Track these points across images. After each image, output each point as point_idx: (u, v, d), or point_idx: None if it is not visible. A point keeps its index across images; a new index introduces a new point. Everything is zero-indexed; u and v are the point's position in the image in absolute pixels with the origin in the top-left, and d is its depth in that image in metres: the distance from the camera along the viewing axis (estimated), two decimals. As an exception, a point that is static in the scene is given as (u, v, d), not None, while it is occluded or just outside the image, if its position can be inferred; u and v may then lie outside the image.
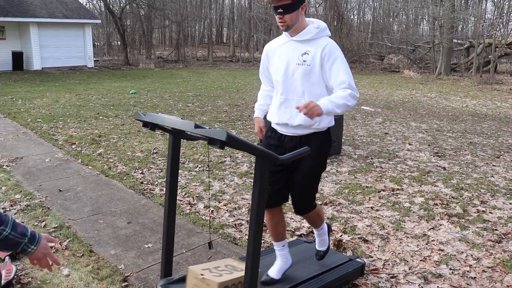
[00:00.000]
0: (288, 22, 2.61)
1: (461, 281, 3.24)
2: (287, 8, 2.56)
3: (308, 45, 2.68)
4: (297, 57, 2.69)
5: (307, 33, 2.68)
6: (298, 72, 2.69)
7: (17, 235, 1.69)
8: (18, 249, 1.71)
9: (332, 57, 2.63)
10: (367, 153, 6.81)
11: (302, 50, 2.68)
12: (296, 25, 2.66)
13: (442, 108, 11.94)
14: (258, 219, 2.27)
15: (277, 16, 2.61)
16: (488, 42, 22.59)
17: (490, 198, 4.98)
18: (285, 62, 2.74)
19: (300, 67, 2.68)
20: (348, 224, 4.18)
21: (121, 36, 25.80)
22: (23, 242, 1.70)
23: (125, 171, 5.69)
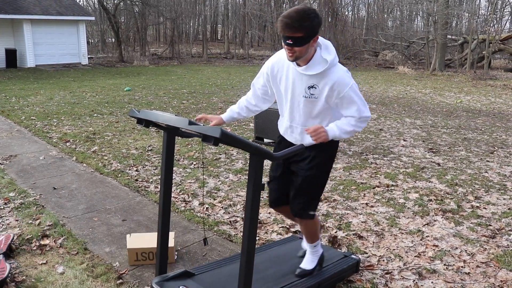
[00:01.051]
0: (297, 54, 2.42)
1: (456, 276, 3.25)
2: (298, 41, 2.36)
3: (316, 77, 2.53)
4: (304, 90, 2.56)
5: (315, 67, 2.50)
6: (303, 106, 2.60)
7: None
8: None
9: (342, 93, 2.51)
10: (362, 149, 6.82)
11: (309, 83, 2.54)
12: (305, 57, 2.48)
13: (436, 104, 11.97)
14: (252, 216, 2.27)
15: (286, 47, 2.42)
16: (482, 38, 22.67)
17: (484, 193, 5.00)
18: (290, 91, 2.62)
19: (306, 100, 2.57)
20: (343, 221, 4.19)
21: (115, 33, 25.68)
22: None
23: (119, 169, 5.67)
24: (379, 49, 29.23)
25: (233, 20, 38.44)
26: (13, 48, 20.07)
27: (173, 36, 29.63)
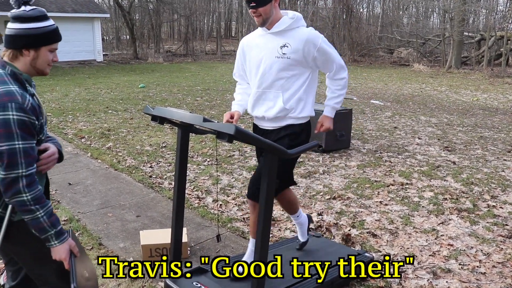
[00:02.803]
0: (263, 16, 2.61)
1: (471, 276, 3.21)
2: (260, 1, 2.56)
3: (286, 37, 2.68)
4: (276, 50, 2.67)
5: (282, 24, 2.68)
6: (276, 65, 2.68)
7: (47, 222, 1.79)
8: (43, 236, 1.81)
9: (317, 46, 2.67)
10: (376, 147, 6.78)
11: (281, 43, 2.68)
12: (271, 18, 2.65)
13: (452, 102, 11.83)
14: (266, 213, 2.27)
15: (250, 10, 2.61)
16: (499, 34, 22.30)
17: (501, 193, 4.93)
18: (262, 55, 2.73)
19: (279, 60, 2.66)
20: (356, 219, 4.17)
21: (130, 30, 25.85)
22: (49, 231, 1.81)
23: (134, 165, 5.71)
24: (394, 47, 28.96)
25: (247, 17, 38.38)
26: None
27: (187, 33, 29.73)
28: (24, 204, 1.74)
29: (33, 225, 1.79)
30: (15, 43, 1.81)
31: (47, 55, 1.88)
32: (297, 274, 2.94)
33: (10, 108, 1.70)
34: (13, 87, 1.75)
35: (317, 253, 3.26)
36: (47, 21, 1.86)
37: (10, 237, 1.87)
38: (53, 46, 1.88)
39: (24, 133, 1.73)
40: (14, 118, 1.70)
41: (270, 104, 2.75)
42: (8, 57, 1.84)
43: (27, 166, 1.74)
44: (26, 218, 1.78)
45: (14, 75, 1.81)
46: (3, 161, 1.70)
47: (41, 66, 1.88)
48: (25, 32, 1.80)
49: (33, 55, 1.84)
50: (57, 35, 1.89)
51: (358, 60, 25.35)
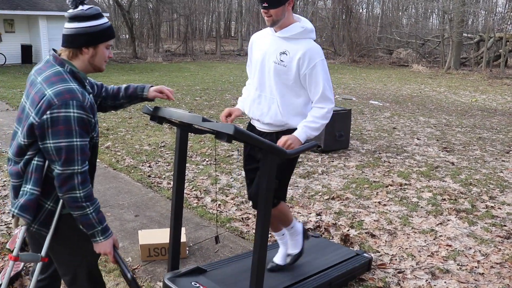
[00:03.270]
0: (273, 17, 2.52)
1: (469, 276, 3.22)
2: (273, 3, 2.47)
3: (289, 44, 2.57)
4: (275, 55, 2.59)
5: (291, 31, 2.57)
6: (273, 71, 2.60)
7: (96, 218, 1.87)
8: (89, 231, 1.88)
9: (312, 64, 2.52)
10: (375, 148, 6.78)
11: (281, 49, 2.58)
12: (282, 21, 2.55)
13: (451, 103, 11.84)
14: (265, 213, 2.27)
15: (262, 10, 2.53)
16: (498, 36, 22.33)
17: (499, 193, 4.94)
18: (264, 57, 2.65)
19: (275, 65, 2.58)
20: (355, 219, 4.17)
21: (129, 30, 25.82)
22: (97, 227, 1.88)
23: (132, 164, 5.71)
24: (393, 47, 28.97)
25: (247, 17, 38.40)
26: (28, 44, 20.29)
27: (187, 33, 29.71)
28: (76, 200, 1.80)
29: (82, 221, 1.84)
30: (75, 42, 1.86)
31: (104, 51, 1.93)
32: (296, 274, 2.94)
33: (71, 105, 1.74)
34: (73, 85, 1.79)
35: (316, 253, 3.26)
36: (103, 19, 1.91)
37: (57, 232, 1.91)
38: (109, 43, 1.94)
39: (82, 131, 1.78)
40: (74, 115, 1.74)
41: (265, 110, 2.66)
42: (67, 56, 1.88)
43: (82, 163, 1.79)
44: (75, 214, 1.83)
45: (73, 73, 1.85)
46: (61, 157, 1.75)
47: (99, 62, 1.93)
48: (85, 31, 1.85)
49: (92, 53, 1.89)
50: (112, 31, 1.95)
51: (357, 61, 25.36)
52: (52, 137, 1.73)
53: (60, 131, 1.72)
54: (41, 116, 1.73)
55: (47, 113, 1.72)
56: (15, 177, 1.86)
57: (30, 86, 1.86)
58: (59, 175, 1.77)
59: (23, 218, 1.82)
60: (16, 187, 1.87)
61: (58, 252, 1.98)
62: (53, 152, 1.74)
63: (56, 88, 1.75)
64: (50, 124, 1.72)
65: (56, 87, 1.75)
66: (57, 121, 1.72)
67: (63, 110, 1.72)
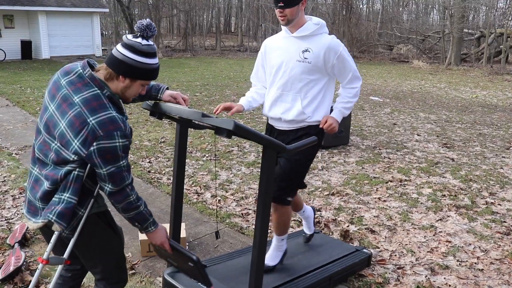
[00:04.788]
0: (288, 16, 2.62)
1: (469, 272, 3.22)
2: (288, 3, 2.58)
3: (309, 42, 2.69)
4: (298, 54, 2.69)
5: (306, 29, 2.69)
6: (297, 69, 2.69)
7: (148, 212, 2.02)
8: (144, 225, 2.03)
9: (337, 54, 2.69)
10: (375, 144, 6.78)
11: (303, 47, 2.69)
12: (296, 20, 2.67)
13: (451, 99, 11.83)
14: (265, 209, 2.27)
15: (277, 10, 2.62)
16: (499, 31, 22.28)
17: (499, 189, 4.94)
18: (284, 58, 2.74)
19: (300, 64, 2.68)
20: (355, 215, 4.18)
21: (129, 25, 25.76)
22: (149, 220, 2.02)
23: (132, 160, 5.71)
24: (393, 43, 28.91)
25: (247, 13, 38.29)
26: (28, 39, 20.25)
27: (187, 29, 29.65)
28: (132, 203, 1.94)
29: (137, 218, 1.99)
30: (117, 67, 1.88)
31: (139, 88, 1.98)
32: (296, 269, 2.94)
33: (116, 136, 1.82)
34: (114, 113, 1.84)
35: (315, 249, 3.26)
36: (153, 59, 1.94)
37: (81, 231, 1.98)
38: (147, 82, 1.97)
39: (125, 154, 1.89)
40: (120, 145, 1.83)
41: (288, 106, 2.76)
42: (104, 75, 1.90)
43: (129, 176, 1.92)
44: (131, 215, 1.97)
45: (111, 98, 1.89)
46: (114, 179, 1.87)
47: (129, 95, 1.98)
48: (131, 63, 1.88)
49: (128, 84, 1.92)
50: (156, 73, 1.98)
51: (357, 57, 25.31)
52: (103, 165, 1.83)
53: (109, 159, 1.83)
54: (88, 147, 1.80)
55: (94, 145, 1.79)
56: (50, 182, 1.90)
57: (58, 94, 1.88)
58: (113, 193, 1.89)
59: (59, 225, 1.88)
60: (50, 192, 1.91)
61: (87, 249, 2.06)
62: (105, 177, 1.85)
63: (99, 117, 1.80)
64: (98, 155, 1.81)
65: (99, 117, 1.80)
66: (104, 151, 1.81)
67: (109, 142, 1.80)
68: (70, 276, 2.25)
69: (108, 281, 2.15)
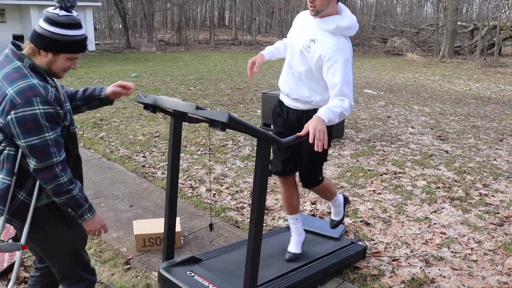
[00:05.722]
0: (318, 7, 2.53)
1: (463, 264, 3.24)
2: None
3: (322, 33, 2.58)
4: (306, 40, 2.63)
5: (325, 24, 2.57)
6: (300, 54, 2.67)
7: (82, 197, 1.89)
8: (79, 211, 1.89)
9: (333, 59, 2.50)
10: (370, 137, 6.79)
11: (313, 36, 2.60)
12: (325, 11, 2.56)
13: (445, 91, 11.86)
14: (260, 202, 2.27)
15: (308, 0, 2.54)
16: (493, 24, 22.33)
17: (493, 181, 4.97)
18: (297, 39, 2.72)
19: (302, 49, 2.65)
20: (350, 207, 4.18)
21: (122, 19, 25.59)
22: (84, 205, 1.89)
23: (127, 155, 5.69)
24: (387, 36, 28.92)
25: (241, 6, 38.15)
26: (20, 34, 20.06)
27: (180, 22, 29.50)
28: (62, 186, 1.80)
29: (71, 203, 1.85)
30: (37, 41, 1.81)
31: (65, 62, 1.86)
32: (291, 263, 2.95)
33: (35, 102, 1.71)
34: (34, 80, 1.75)
35: (311, 241, 3.27)
36: (76, 30, 1.84)
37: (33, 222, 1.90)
38: (73, 55, 1.87)
39: (52, 124, 1.76)
40: (41, 112, 1.71)
41: (293, 86, 2.76)
42: (27, 51, 1.84)
43: (59, 153, 1.78)
44: (63, 199, 1.83)
45: (33, 67, 1.81)
46: (37, 154, 1.73)
47: (56, 70, 1.87)
48: (50, 35, 1.78)
49: (50, 58, 1.83)
50: (81, 46, 1.87)
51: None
52: (22, 136, 1.71)
53: (30, 129, 1.71)
54: (6, 117, 1.70)
55: (12, 114, 1.69)
56: None
57: None
58: (38, 170, 1.76)
59: None
60: None
61: (41, 242, 1.99)
62: (26, 150, 1.73)
63: (17, 86, 1.71)
64: (16, 124, 1.69)
65: (17, 85, 1.72)
66: (23, 120, 1.69)
67: (28, 109, 1.69)
68: (39, 275, 2.19)
69: (69, 281, 2.06)
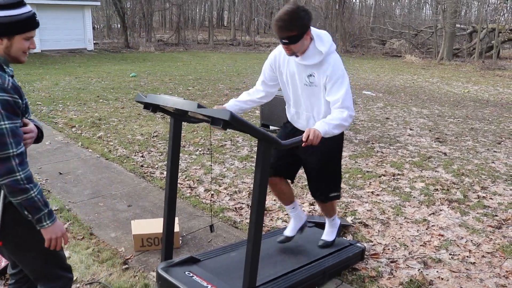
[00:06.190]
0: (293, 50, 2.61)
1: (461, 266, 3.24)
2: (293, 39, 2.54)
3: (313, 67, 2.69)
4: (304, 79, 2.74)
5: (311, 59, 2.66)
6: (305, 93, 2.78)
7: (42, 200, 1.74)
8: (36, 216, 1.74)
9: (334, 78, 2.63)
10: (368, 138, 6.79)
11: (308, 72, 2.72)
12: (302, 49, 2.65)
13: (443, 94, 11.88)
14: (259, 202, 2.26)
15: (283, 46, 2.61)
16: (491, 27, 22.40)
17: (491, 184, 4.97)
18: (293, 80, 2.81)
19: (307, 87, 2.75)
20: (348, 209, 4.19)
21: (121, 19, 25.56)
22: (43, 210, 1.75)
23: (125, 154, 5.67)
24: (386, 38, 28.98)
25: (240, 7, 38.14)
26: (19, 33, 20.01)
27: (179, 22, 29.49)
28: (18, 183, 1.67)
29: (28, 205, 1.71)
30: None
31: (22, 43, 1.78)
32: (289, 263, 2.94)
33: None
34: None
35: (310, 243, 3.26)
36: (21, 8, 1.75)
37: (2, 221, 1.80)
38: (28, 35, 1.78)
39: (9, 113, 1.66)
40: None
41: (304, 123, 2.87)
42: None
43: (16, 145, 1.67)
44: (19, 199, 1.70)
45: None
46: None
47: (16, 54, 1.79)
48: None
49: (6, 44, 1.75)
50: (32, 22, 1.78)
51: (350, 51, 25.33)
52: None
53: None
54: None
55: None
56: None
57: None
58: None
59: None
60: None
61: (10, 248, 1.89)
62: None
63: None
64: None
65: None
66: None
67: None
68: (14, 282, 2.09)
69: (44, 280, 1.98)
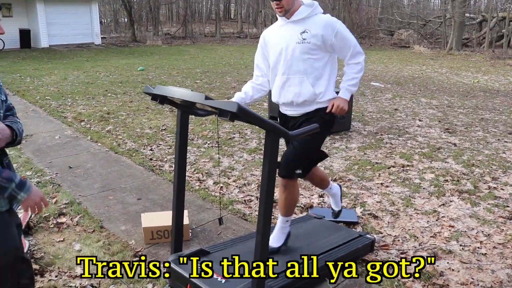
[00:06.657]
0: (285, 7, 2.73)
1: (472, 257, 3.22)
2: None
3: (305, 24, 2.78)
4: (296, 36, 2.77)
5: (301, 13, 2.78)
6: (298, 51, 2.78)
7: (2, 179, 1.66)
8: (5, 194, 1.68)
9: (335, 31, 2.76)
10: (377, 129, 6.75)
11: (301, 29, 2.77)
12: (292, 8, 2.77)
13: (453, 84, 11.77)
14: (268, 195, 2.26)
15: (274, 2, 2.72)
16: (501, 15, 22.09)
17: (502, 174, 4.93)
18: (284, 43, 2.83)
19: (300, 45, 2.77)
20: (357, 200, 4.17)
21: (128, 13, 25.57)
22: (9, 187, 1.67)
23: (134, 148, 5.69)
24: (394, 28, 28.71)
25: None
26: (27, 28, 20.12)
27: (186, 16, 29.45)
28: None
29: None
30: None
31: None
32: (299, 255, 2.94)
33: None
34: None
35: (319, 234, 3.26)
36: None
37: None
38: None
39: None
40: None
41: (296, 90, 2.83)
42: None
43: None
44: None
45: None
46: None
47: None
48: None
49: None
50: None
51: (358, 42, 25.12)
52: None
53: None
54: None
55: None
56: None
57: None
58: None
59: None
60: None
61: None
62: None
63: None
64: None
65: None
66: None
67: None
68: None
69: None
